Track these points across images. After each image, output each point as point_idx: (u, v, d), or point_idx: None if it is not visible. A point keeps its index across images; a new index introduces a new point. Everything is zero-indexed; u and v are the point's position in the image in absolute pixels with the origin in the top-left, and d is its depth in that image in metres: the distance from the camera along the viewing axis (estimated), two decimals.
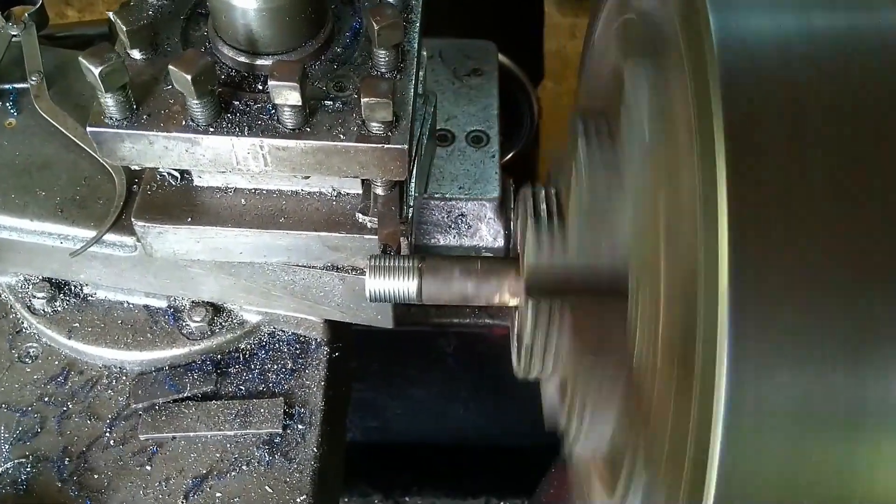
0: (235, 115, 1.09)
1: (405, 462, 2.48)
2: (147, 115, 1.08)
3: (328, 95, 1.11)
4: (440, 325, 1.61)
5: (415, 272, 1.14)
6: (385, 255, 1.17)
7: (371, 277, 1.14)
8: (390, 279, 1.14)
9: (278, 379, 1.40)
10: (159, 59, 1.12)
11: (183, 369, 1.38)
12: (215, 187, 1.23)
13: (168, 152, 1.10)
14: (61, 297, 1.40)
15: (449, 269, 1.15)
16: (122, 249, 1.30)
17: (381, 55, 1.12)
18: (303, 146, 1.09)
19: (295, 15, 1.09)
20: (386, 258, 1.15)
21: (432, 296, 1.15)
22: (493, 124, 1.52)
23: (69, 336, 1.38)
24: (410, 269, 1.14)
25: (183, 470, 1.31)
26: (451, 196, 1.43)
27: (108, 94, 1.04)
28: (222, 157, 1.10)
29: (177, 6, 1.18)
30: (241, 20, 1.09)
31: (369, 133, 1.08)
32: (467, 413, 2.41)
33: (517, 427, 2.32)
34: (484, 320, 1.59)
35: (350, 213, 1.23)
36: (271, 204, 1.23)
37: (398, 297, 1.15)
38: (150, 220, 1.21)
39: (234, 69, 1.14)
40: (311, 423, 1.36)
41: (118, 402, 1.36)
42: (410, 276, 1.14)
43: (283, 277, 1.31)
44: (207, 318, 1.38)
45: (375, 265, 1.15)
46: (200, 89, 1.03)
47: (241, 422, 1.34)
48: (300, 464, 1.32)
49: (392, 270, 1.14)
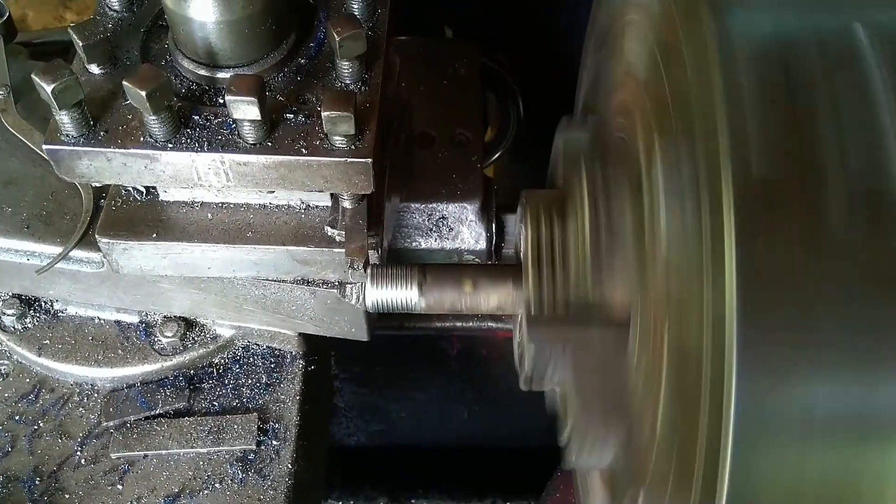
0: (195, 129, 1.07)
1: (410, 465, 2.48)
2: (104, 132, 1.06)
3: (291, 108, 1.09)
4: (443, 328, 1.60)
5: (416, 280, 1.12)
6: (387, 264, 1.15)
7: (372, 287, 1.12)
8: (391, 288, 1.12)
9: (252, 394, 1.38)
10: (118, 74, 1.10)
11: (155, 385, 1.36)
12: (181, 202, 1.21)
13: (127, 169, 1.08)
14: (31, 313, 1.38)
15: (450, 276, 1.14)
16: (90, 266, 1.28)
17: (345, 66, 1.09)
18: (264, 161, 1.06)
19: (255, 27, 1.07)
20: (387, 267, 1.14)
21: (434, 304, 1.14)
22: (475, 126, 1.49)
23: (39, 353, 1.36)
24: (412, 277, 1.13)
25: (155, 489, 1.29)
26: (431, 199, 1.40)
27: (62, 111, 1.02)
28: (183, 173, 1.08)
29: (137, 19, 1.16)
30: (200, 33, 1.06)
31: (332, 147, 1.06)
32: (471, 415, 2.41)
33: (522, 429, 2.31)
34: (487, 324, 1.59)
35: (319, 226, 1.21)
36: (239, 218, 1.21)
37: (400, 306, 1.13)
38: (115, 236, 1.19)
39: (195, 82, 1.11)
40: (286, 439, 1.34)
41: (89, 420, 1.34)
42: (411, 285, 1.12)
43: (254, 292, 1.29)
44: (180, 333, 1.36)
45: (377, 274, 1.13)
46: (156, 105, 1.00)
47: (214, 438, 1.32)
48: (274, 480, 1.30)
49: (393, 279, 1.13)
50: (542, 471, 1.90)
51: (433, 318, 1.56)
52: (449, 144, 1.46)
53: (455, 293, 1.13)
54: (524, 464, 2.26)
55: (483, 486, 2.44)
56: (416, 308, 1.13)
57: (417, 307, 1.13)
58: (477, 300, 1.14)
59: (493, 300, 1.14)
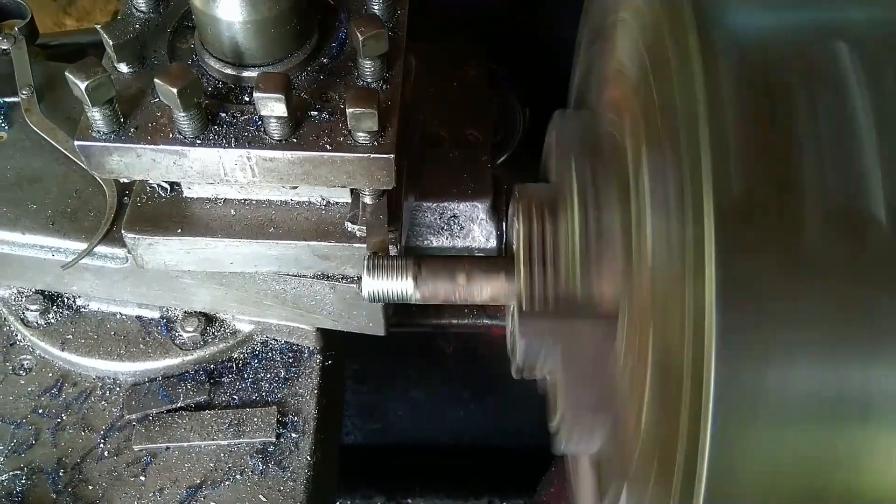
0: (222, 126, 1.10)
1: (407, 464, 2.49)
2: (134, 129, 1.09)
3: (314, 106, 1.12)
4: (439, 325, 1.61)
5: (411, 271, 1.15)
6: (382, 255, 1.17)
7: (368, 277, 1.15)
8: (387, 279, 1.15)
9: (271, 388, 1.40)
10: (146, 73, 1.13)
11: (176, 379, 1.38)
12: (205, 198, 1.24)
13: (156, 165, 1.10)
14: (54, 309, 1.41)
15: (445, 268, 1.16)
16: (114, 261, 1.31)
17: (367, 65, 1.13)
18: (290, 157, 1.09)
19: (280, 27, 1.10)
20: (383, 258, 1.16)
21: (429, 295, 1.16)
22: (484, 126, 1.52)
23: (62, 348, 1.38)
24: (407, 269, 1.15)
25: (177, 480, 1.31)
26: (443, 198, 1.43)
27: (94, 107, 1.05)
28: (210, 168, 1.11)
29: (163, 20, 1.19)
30: (227, 33, 1.09)
31: (356, 143, 1.09)
32: (468, 414, 2.42)
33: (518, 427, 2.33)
34: (482, 321, 1.59)
35: (339, 222, 1.24)
36: (261, 214, 1.24)
37: (395, 296, 1.15)
38: (141, 231, 1.22)
39: (221, 81, 1.14)
40: (305, 432, 1.36)
41: (112, 413, 1.37)
42: (407, 276, 1.15)
43: (275, 287, 1.32)
44: (200, 328, 1.39)
45: (372, 264, 1.15)
46: (187, 102, 1.03)
47: (235, 431, 1.34)
48: (294, 472, 1.33)
49: (389, 270, 1.15)
50: (538, 469, 1.92)
51: (429, 314, 1.57)
52: (459, 145, 1.49)
53: (449, 284, 1.15)
54: (521, 462, 2.26)
55: (480, 485, 2.45)
56: (411, 299, 1.15)
57: (413, 298, 1.15)
58: (471, 291, 1.16)
59: (486, 291, 1.16)
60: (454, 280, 1.16)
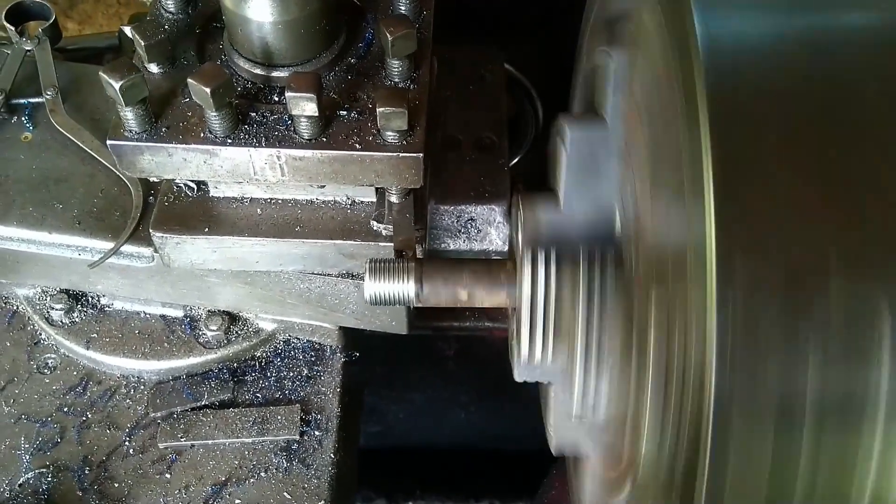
0: (252, 126, 1.11)
1: (408, 466, 2.49)
2: (166, 128, 1.10)
3: (343, 105, 1.13)
4: (440, 328, 1.61)
5: (414, 275, 1.15)
6: (384, 258, 1.18)
7: (370, 280, 1.15)
8: (389, 282, 1.15)
9: (294, 386, 1.41)
10: (176, 73, 1.14)
11: (200, 378, 1.39)
12: (231, 197, 1.25)
13: (187, 164, 1.11)
14: (79, 308, 1.42)
15: (447, 272, 1.17)
16: (140, 260, 1.32)
17: (395, 65, 1.14)
18: (320, 156, 1.10)
19: (310, 27, 1.11)
20: (385, 261, 1.17)
21: (431, 297, 1.17)
22: (501, 129, 1.53)
23: (87, 346, 1.39)
24: (409, 272, 1.15)
25: (202, 477, 1.32)
26: (460, 201, 1.44)
27: (127, 107, 1.06)
28: (240, 167, 1.12)
29: (192, 20, 1.20)
30: (257, 33, 1.10)
31: (385, 142, 1.10)
32: (469, 417, 2.42)
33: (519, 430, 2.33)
34: (484, 323, 1.60)
35: (364, 221, 1.25)
36: (287, 213, 1.25)
37: (397, 299, 1.16)
38: (168, 230, 1.23)
39: (251, 81, 1.16)
40: (328, 430, 1.37)
41: (136, 411, 1.37)
42: (409, 279, 1.15)
43: (299, 285, 1.32)
44: (223, 327, 1.40)
45: (374, 267, 1.16)
46: (219, 102, 1.04)
47: (259, 429, 1.35)
48: (318, 469, 1.34)
49: (390, 272, 1.15)
50: (539, 472, 1.92)
51: (430, 317, 1.56)
52: (476, 148, 1.50)
53: (451, 288, 1.16)
54: (521, 466, 2.26)
55: (480, 488, 2.45)
56: (413, 302, 1.16)
57: (414, 301, 1.16)
58: (473, 295, 1.17)
59: (488, 295, 1.17)
60: (456, 284, 1.16)
